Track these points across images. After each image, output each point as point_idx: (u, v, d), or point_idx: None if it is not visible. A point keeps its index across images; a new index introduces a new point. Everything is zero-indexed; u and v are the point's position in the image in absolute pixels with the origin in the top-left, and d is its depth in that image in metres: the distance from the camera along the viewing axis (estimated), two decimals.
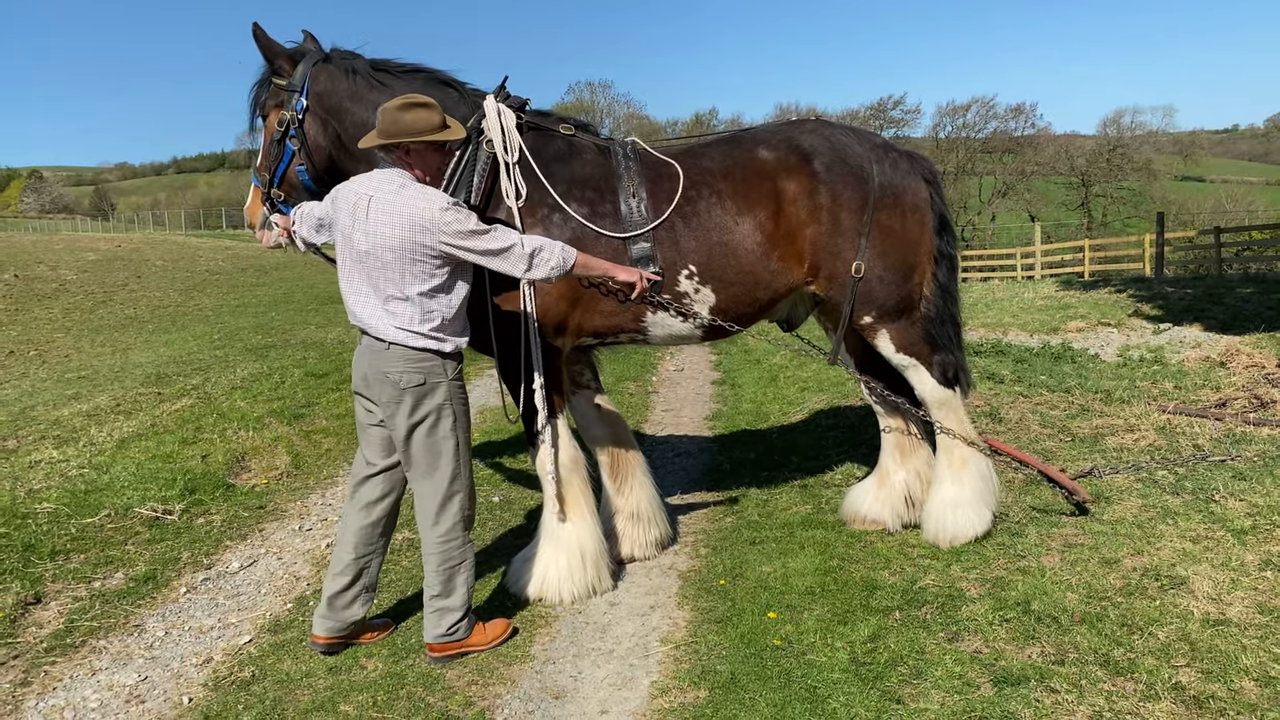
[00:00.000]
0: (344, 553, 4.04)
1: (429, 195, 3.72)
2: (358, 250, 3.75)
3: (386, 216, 3.69)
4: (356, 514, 4.06)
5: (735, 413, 8.56)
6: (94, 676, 4.04)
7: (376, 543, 4.10)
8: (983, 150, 64.61)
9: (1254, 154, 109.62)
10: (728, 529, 5.34)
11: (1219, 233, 23.13)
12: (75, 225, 73.71)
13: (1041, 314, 13.18)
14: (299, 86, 4.32)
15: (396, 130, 3.74)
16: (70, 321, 15.93)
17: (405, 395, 3.79)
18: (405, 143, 3.76)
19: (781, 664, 3.73)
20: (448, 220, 3.67)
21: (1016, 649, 3.67)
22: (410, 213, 3.67)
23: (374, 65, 4.46)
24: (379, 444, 4.02)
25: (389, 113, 3.76)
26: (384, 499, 4.08)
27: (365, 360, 3.86)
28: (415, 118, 3.74)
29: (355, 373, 3.96)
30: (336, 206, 3.87)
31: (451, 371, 3.89)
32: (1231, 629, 3.64)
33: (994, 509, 4.77)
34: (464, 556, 4.01)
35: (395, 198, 3.70)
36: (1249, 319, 10.89)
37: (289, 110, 4.34)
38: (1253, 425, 6.23)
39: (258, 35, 4.30)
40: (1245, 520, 4.63)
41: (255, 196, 4.55)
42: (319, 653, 4.06)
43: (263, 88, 4.42)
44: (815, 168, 4.50)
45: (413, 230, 3.66)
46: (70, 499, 5.82)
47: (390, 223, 3.68)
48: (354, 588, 4.05)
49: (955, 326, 4.84)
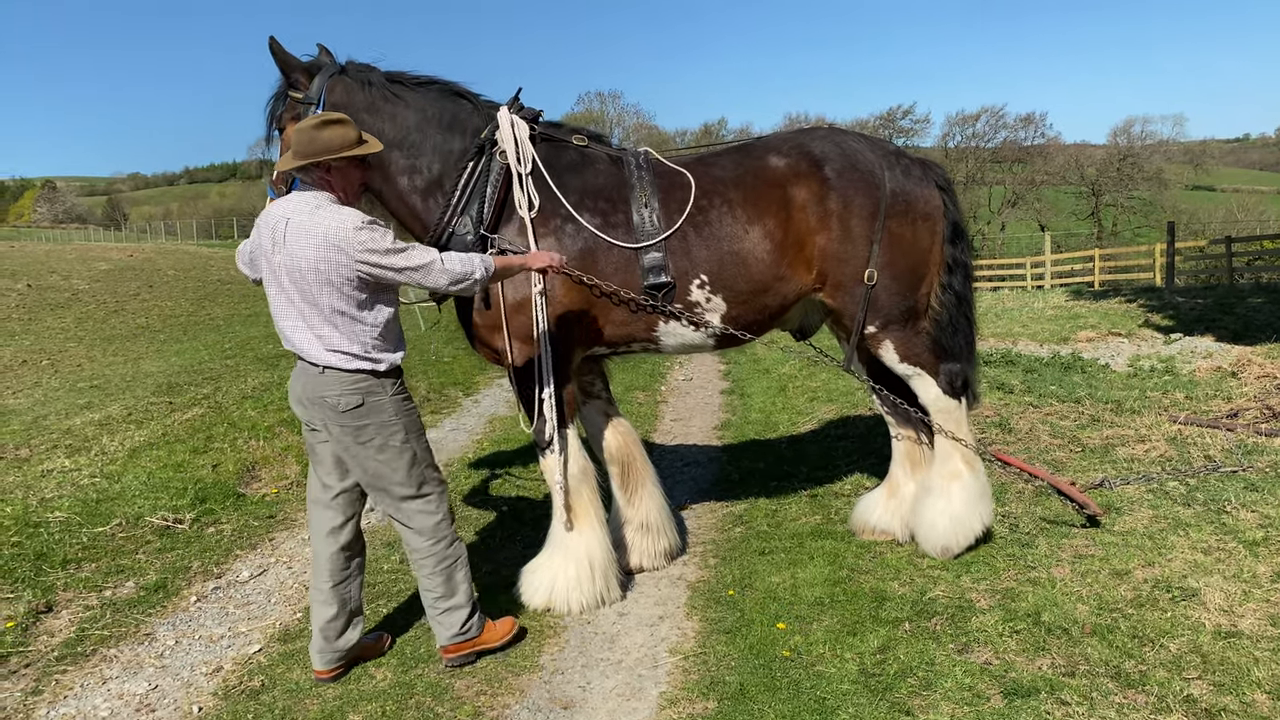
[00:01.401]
0: (321, 583, 3.99)
1: (342, 215, 3.62)
2: (280, 275, 3.67)
3: (303, 238, 3.60)
4: (323, 542, 4.00)
5: (744, 422, 8.56)
6: (104, 685, 4.05)
7: (350, 566, 4.05)
8: (992, 160, 64.59)
9: (1265, 163, 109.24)
10: (736, 539, 5.34)
11: (1230, 242, 23.05)
12: (88, 235, 74.20)
13: (1051, 324, 13.14)
14: (315, 99, 4.33)
15: (314, 149, 3.66)
16: (83, 331, 16.00)
17: (344, 418, 3.73)
18: (324, 160, 3.68)
19: (791, 675, 3.73)
20: (362, 239, 3.57)
21: (1027, 660, 3.65)
22: (324, 232, 3.58)
23: (389, 77, 4.48)
24: (331, 464, 3.94)
25: (304, 132, 3.68)
26: (346, 524, 4.02)
27: (300, 384, 3.79)
28: (332, 135, 3.67)
29: (292, 397, 3.88)
30: (259, 233, 3.77)
31: (391, 389, 3.81)
32: (1243, 641, 3.62)
33: (987, 522, 4.73)
34: (457, 553, 4.00)
35: (310, 219, 3.61)
36: (1260, 329, 10.83)
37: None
38: (1265, 436, 6.20)
39: (274, 49, 4.32)
40: (1257, 532, 4.60)
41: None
42: (326, 682, 4.00)
43: (279, 101, 4.41)
44: (826, 174, 4.51)
45: (327, 249, 3.57)
46: (82, 508, 5.85)
47: (306, 244, 3.59)
48: (341, 615, 4.00)
49: (969, 336, 4.82)
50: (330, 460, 3.93)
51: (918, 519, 4.82)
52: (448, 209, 4.37)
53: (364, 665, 4.09)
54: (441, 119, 4.46)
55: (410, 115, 4.41)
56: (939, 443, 4.76)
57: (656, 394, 10.34)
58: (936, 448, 4.79)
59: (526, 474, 7.01)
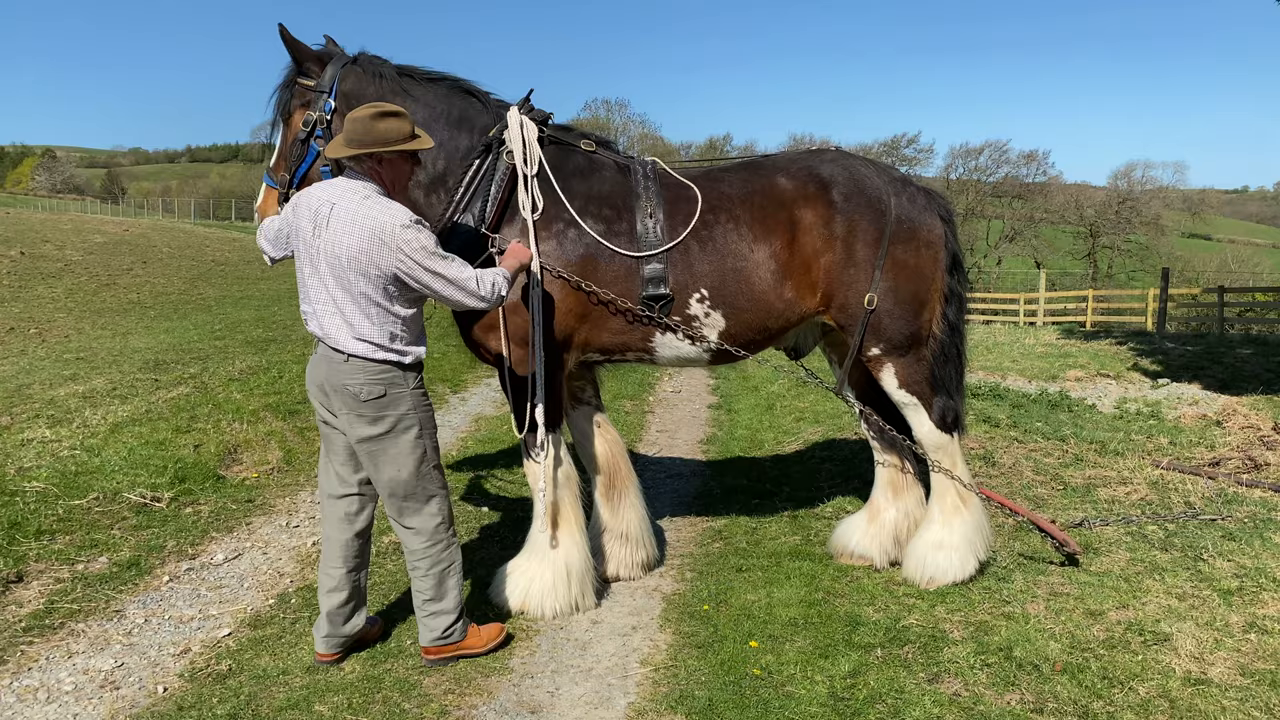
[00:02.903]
0: (335, 569, 3.98)
1: (392, 209, 3.63)
2: (317, 259, 3.66)
3: (348, 225, 3.59)
4: (338, 529, 3.98)
5: (730, 438, 8.56)
6: (70, 659, 4.02)
7: (364, 553, 4.06)
8: (993, 194, 64.84)
9: (1263, 216, 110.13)
10: (715, 554, 5.33)
11: (1223, 292, 23.20)
12: (85, 207, 73.88)
13: (1041, 361, 13.18)
14: (328, 88, 4.32)
15: (370, 140, 3.65)
16: (73, 302, 15.93)
17: (365, 408, 3.72)
18: (378, 152, 3.69)
19: (760, 694, 3.72)
20: (408, 237, 3.57)
21: (996, 694, 3.66)
22: (371, 223, 3.57)
23: (400, 71, 4.48)
24: (345, 455, 3.93)
25: (361, 122, 3.66)
26: (361, 512, 4.02)
27: (322, 371, 3.77)
28: (388, 127, 3.66)
29: (310, 382, 3.85)
30: (297, 213, 3.75)
31: (412, 382, 3.81)
32: (1212, 689, 3.63)
33: (982, 558, 4.74)
34: (452, 558, 3.99)
35: (358, 208, 3.61)
36: (1248, 380, 10.89)
37: (316, 111, 4.33)
38: (1245, 486, 6.23)
39: (285, 36, 4.31)
40: (1232, 581, 4.62)
41: (269, 196, 4.48)
42: (327, 666, 4.00)
43: (287, 88, 4.39)
44: (833, 197, 4.52)
45: (372, 241, 3.56)
46: (60, 479, 5.82)
47: (351, 232, 3.58)
48: (351, 600, 4.00)
49: (959, 368, 4.84)
50: (344, 452, 3.92)
51: (911, 547, 4.82)
52: (450, 205, 4.36)
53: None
54: (450, 115, 4.46)
55: (419, 110, 4.41)
56: (935, 477, 4.77)
57: (644, 404, 10.34)
58: (934, 481, 4.79)
59: (509, 475, 7.00)
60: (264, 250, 4.06)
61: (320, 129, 4.33)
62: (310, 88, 4.35)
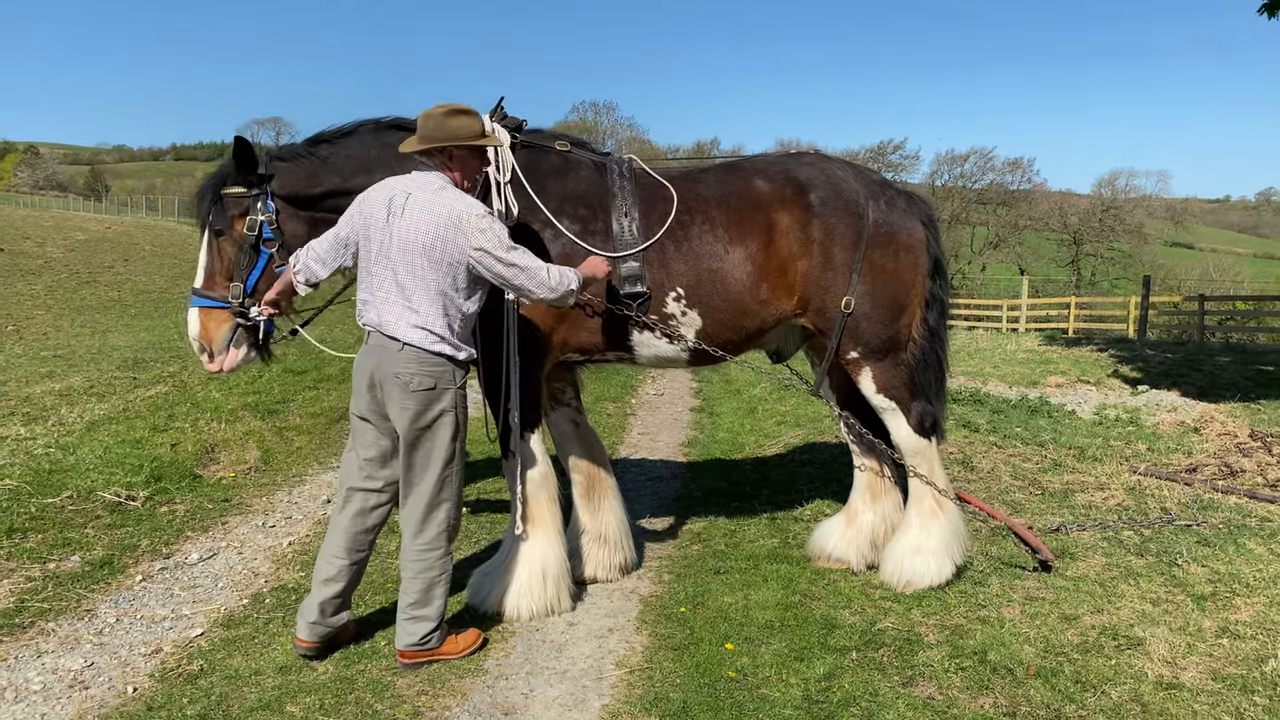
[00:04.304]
0: (337, 558, 3.95)
1: (467, 200, 3.79)
2: (388, 244, 3.73)
3: (423, 214, 3.70)
4: (351, 520, 3.97)
5: (711, 441, 8.56)
6: (39, 659, 3.98)
7: (368, 547, 4.05)
8: (978, 201, 65.28)
9: (1244, 225, 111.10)
10: (693, 557, 5.33)
11: (1203, 300, 23.38)
12: (67, 204, 73.31)
13: (1022, 367, 13.25)
14: (259, 187, 4.24)
15: (443, 135, 3.77)
16: (52, 300, 15.81)
17: (413, 398, 3.75)
18: (449, 147, 3.80)
19: (735, 696, 3.71)
20: (483, 227, 3.70)
21: (970, 698, 3.66)
22: (448, 212, 3.69)
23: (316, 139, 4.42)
24: (376, 450, 3.93)
25: (433, 119, 3.79)
26: (378, 509, 4.02)
27: (374, 360, 3.79)
28: (459, 124, 3.80)
29: (359, 375, 3.86)
30: (367, 205, 3.82)
31: (460, 379, 3.88)
32: (1184, 693, 3.65)
33: (959, 562, 4.75)
34: (444, 569, 3.97)
35: (434, 197, 3.74)
36: (1225, 387, 10.98)
37: (259, 214, 4.24)
38: (1221, 492, 6.28)
39: (242, 145, 4.20)
40: (1206, 586, 4.65)
41: (212, 318, 4.31)
42: (303, 656, 3.98)
43: (214, 203, 4.27)
44: (810, 200, 4.52)
45: (447, 229, 3.68)
46: (33, 477, 5.77)
47: (426, 220, 3.69)
48: (345, 593, 3.99)
49: (939, 374, 4.85)
50: (375, 447, 3.92)
51: (888, 551, 4.83)
52: None
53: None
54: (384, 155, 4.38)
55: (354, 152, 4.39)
56: (913, 482, 4.77)
57: (627, 407, 10.33)
58: (911, 486, 4.80)
59: (487, 475, 6.98)
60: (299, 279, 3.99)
61: (269, 230, 4.25)
62: (242, 194, 4.25)
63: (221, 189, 4.28)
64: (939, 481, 4.74)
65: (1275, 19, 11.17)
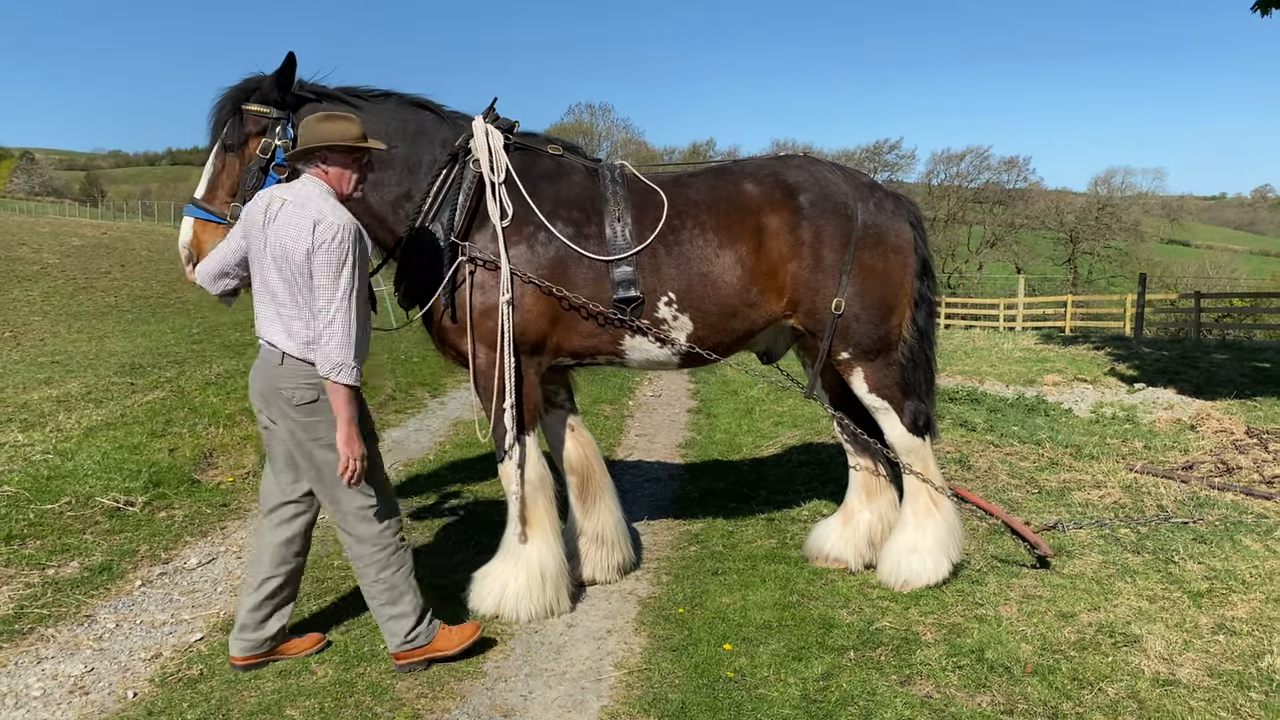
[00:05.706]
0: (259, 570, 3.94)
1: (327, 208, 3.63)
2: (263, 253, 3.67)
3: (290, 219, 3.61)
4: (272, 532, 3.96)
5: (708, 442, 8.57)
6: (39, 665, 3.99)
7: (293, 560, 4.01)
8: (974, 200, 65.36)
9: (1240, 222, 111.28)
10: (691, 558, 5.34)
11: (1200, 298, 23.42)
12: (63, 210, 73.27)
13: (1019, 365, 13.28)
14: (287, 114, 4.20)
15: (314, 139, 3.72)
16: (49, 305, 15.81)
17: (298, 413, 3.71)
18: (319, 150, 3.72)
19: (733, 696, 3.72)
20: (324, 239, 3.55)
21: (967, 696, 3.68)
22: (307, 221, 3.58)
23: (346, 90, 4.42)
24: (284, 463, 3.92)
25: (308, 125, 3.75)
26: (298, 518, 3.99)
27: (260, 375, 3.79)
28: (332, 128, 3.73)
29: (251, 388, 3.87)
30: (251, 209, 3.77)
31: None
32: (1180, 690, 3.67)
33: (955, 559, 4.77)
34: (401, 561, 3.92)
35: (306, 203, 3.63)
36: (1222, 384, 11.01)
37: (275, 138, 4.19)
38: (1217, 490, 6.29)
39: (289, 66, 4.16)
40: (1202, 583, 4.66)
41: (206, 230, 4.17)
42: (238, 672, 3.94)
43: (233, 114, 4.18)
44: (799, 203, 4.54)
45: (302, 239, 3.57)
46: (32, 483, 5.77)
47: (290, 229, 3.60)
48: (268, 604, 3.95)
49: (928, 373, 4.87)
50: (283, 459, 3.90)
51: (885, 551, 4.84)
52: (419, 215, 4.36)
53: (305, 660, 4.04)
54: (406, 129, 4.42)
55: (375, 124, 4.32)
56: (908, 480, 4.79)
57: (624, 409, 10.34)
58: (906, 485, 4.82)
59: (485, 479, 6.99)
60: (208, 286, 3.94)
61: (283, 155, 4.16)
62: (264, 114, 4.18)
63: (244, 103, 4.18)
64: (934, 479, 4.76)
65: (1269, 16, 11.21)
